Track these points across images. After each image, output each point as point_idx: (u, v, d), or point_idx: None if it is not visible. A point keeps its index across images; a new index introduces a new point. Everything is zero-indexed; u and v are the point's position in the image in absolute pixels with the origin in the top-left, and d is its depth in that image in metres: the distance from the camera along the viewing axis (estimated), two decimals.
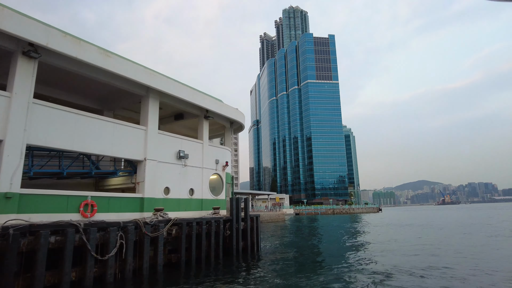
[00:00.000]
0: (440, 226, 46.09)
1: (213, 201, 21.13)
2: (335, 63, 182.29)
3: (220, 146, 23.18)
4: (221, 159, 22.24)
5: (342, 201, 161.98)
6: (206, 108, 20.88)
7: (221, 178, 22.17)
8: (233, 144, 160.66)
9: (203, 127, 21.14)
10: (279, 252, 21.75)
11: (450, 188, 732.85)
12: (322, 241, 30.00)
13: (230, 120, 24.14)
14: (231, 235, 19.18)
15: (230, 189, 23.66)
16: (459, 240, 26.83)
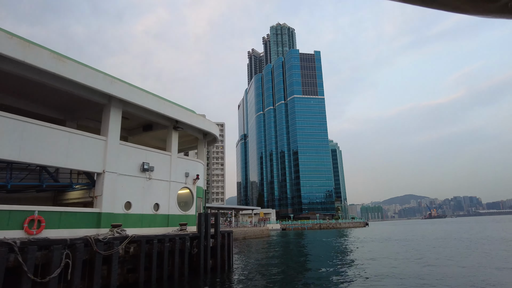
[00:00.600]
0: (423, 240, 45.65)
1: (182, 217, 20.05)
2: (320, 79, 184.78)
3: (191, 158, 22.27)
4: (192, 172, 21.29)
5: (329, 216, 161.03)
6: (176, 118, 20.06)
7: (192, 192, 21.17)
8: (220, 158, 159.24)
9: (171, 138, 20.24)
10: (253, 271, 20.65)
11: (437, 202, 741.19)
12: (303, 258, 28.97)
13: (203, 131, 23.34)
14: (199, 252, 18.09)
15: (202, 204, 22.61)
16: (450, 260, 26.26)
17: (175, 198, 19.77)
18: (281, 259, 27.38)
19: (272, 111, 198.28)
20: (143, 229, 17.44)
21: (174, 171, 19.97)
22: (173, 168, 19.94)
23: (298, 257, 29.23)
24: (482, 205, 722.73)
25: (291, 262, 25.08)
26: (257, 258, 27.97)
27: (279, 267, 22.15)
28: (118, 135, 16.80)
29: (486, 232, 59.97)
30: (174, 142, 20.29)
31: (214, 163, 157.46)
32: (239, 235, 60.88)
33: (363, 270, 19.70)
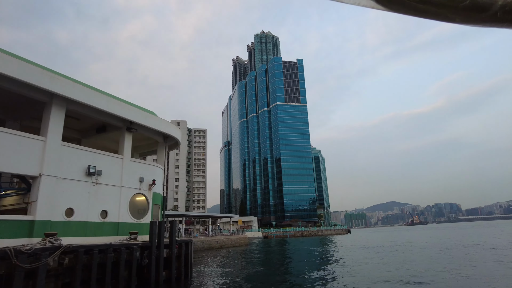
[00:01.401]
0: (402, 249, 45.45)
1: (135, 225, 18.68)
2: (303, 87, 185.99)
3: (148, 162, 20.99)
4: (148, 177, 20.00)
5: (312, 223, 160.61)
6: (129, 119, 18.81)
7: (147, 198, 19.84)
8: (201, 165, 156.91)
9: (124, 140, 18.94)
10: (213, 283, 19.40)
11: (419, 209, 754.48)
12: (274, 268, 27.86)
13: (163, 134, 22.13)
14: (150, 264, 16.75)
15: (160, 212, 21.28)
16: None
17: (126, 204, 18.41)
18: (249, 269, 26.20)
19: (255, 118, 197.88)
20: (87, 238, 16.02)
21: (127, 176, 18.64)
22: (126, 172, 18.61)
23: (268, 267, 28.13)
24: (462, 212, 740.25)
25: (259, 273, 23.95)
26: (224, 268, 26.70)
27: (245, 278, 20.98)
28: (59, 136, 15.44)
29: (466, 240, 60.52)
30: (127, 144, 19.00)
31: (196, 170, 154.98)
32: (215, 244, 59.24)
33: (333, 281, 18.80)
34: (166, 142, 22.82)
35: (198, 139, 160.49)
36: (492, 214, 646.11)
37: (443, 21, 1.51)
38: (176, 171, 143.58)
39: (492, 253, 30.63)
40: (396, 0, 1.45)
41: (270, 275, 22.40)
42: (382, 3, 1.51)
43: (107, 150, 21.54)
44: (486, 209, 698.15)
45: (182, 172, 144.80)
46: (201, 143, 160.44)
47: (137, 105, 20.65)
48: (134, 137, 22.83)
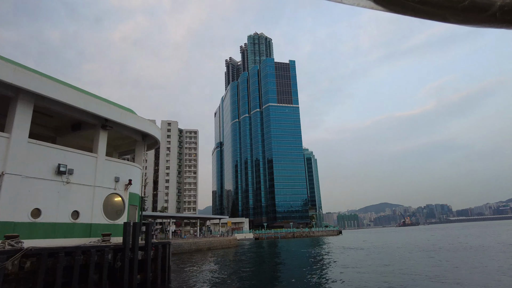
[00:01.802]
0: (388, 251, 45.36)
1: (109, 226, 17.96)
2: (295, 88, 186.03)
3: (125, 162, 20.27)
4: (124, 177, 19.28)
5: (304, 224, 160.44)
6: (104, 116, 18.09)
7: (123, 199, 19.13)
8: (192, 166, 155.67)
9: (99, 138, 18.22)
10: (191, 286, 18.78)
11: (410, 210, 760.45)
12: (258, 272, 27.30)
13: (141, 133, 21.43)
14: (123, 266, 16.06)
15: (137, 212, 20.58)
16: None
17: (100, 205, 17.68)
18: (232, 273, 25.61)
19: (247, 119, 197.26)
20: (56, 240, 15.27)
21: (101, 175, 17.92)
22: (100, 171, 17.89)
23: (252, 270, 27.58)
24: (453, 213, 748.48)
25: (241, 277, 23.38)
26: (206, 271, 26.06)
27: (225, 283, 20.39)
28: (26, 133, 14.70)
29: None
30: (101, 142, 18.28)
31: (187, 171, 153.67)
32: (203, 246, 58.44)
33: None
34: (144, 141, 22.15)
35: (189, 140, 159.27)
36: (482, 215, 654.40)
37: (442, 22, 1.49)
38: (166, 172, 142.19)
39: (471, 255, 30.55)
40: (395, 0, 1.44)
41: (253, 279, 21.84)
42: (380, 4, 1.49)
43: (84, 149, 20.78)
44: (476, 210, 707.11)
45: (173, 173, 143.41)
46: (192, 143, 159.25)
47: (114, 102, 19.96)
48: (112, 135, 22.12)
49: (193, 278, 22.01)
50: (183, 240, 55.69)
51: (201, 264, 33.14)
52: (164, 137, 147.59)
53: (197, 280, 21.17)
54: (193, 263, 34.12)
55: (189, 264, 33.20)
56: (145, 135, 21.80)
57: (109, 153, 24.54)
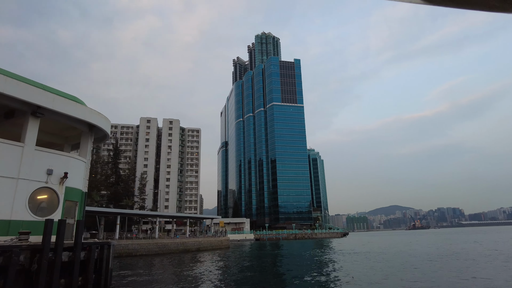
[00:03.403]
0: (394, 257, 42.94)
1: (35, 224, 16.20)
2: (300, 87, 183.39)
3: (59, 152, 18.50)
4: (59, 169, 17.50)
5: (307, 226, 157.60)
6: (35, 103, 16.39)
7: (57, 193, 17.38)
8: (194, 165, 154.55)
9: (28, 126, 16.51)
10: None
11: (421, 213, 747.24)
12: (222, 278, 25.35)
13: (87, 123, 19.68)
14: (39, 270, 14.27)
15: (78, 209, 18.81)
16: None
17: (25, 199, 15.96)
18: (195, 279, 23.72)
19: (251, 118, 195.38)
20: None
21: (28, 167, 16.20)
22: (26, 163, 16.17)
23: (219, 276, 25.62)
24: (465, 217, 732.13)
25: (201, 284, 21.48)
26: (163, 276, 24.21)
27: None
28: None
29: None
30: (31, 131, 16.57)
31: (188, 170, 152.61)
32: (192, 246, 56.77)
33: None
34: (92, 132, 20.39)
35: (191, 139, 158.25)
36: (495, 219, 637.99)
37: (489, 11, 1.34)
38: (167, 170, 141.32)
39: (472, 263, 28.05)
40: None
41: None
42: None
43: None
44: (489, 215, 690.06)
45: (174, 171, 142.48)
46: (194, 142, 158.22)
47: (53, 89, 18.29)
48: (58, 126, 20.48)
49: (139, 283, 20.19)
50: (171, 240, 54.05)
51: (166, 267, 31.35)
52: (165, 136, 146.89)
53: (143, 285, 19.34)
54: (158, 267, 32.37)
55: (155, 267, 31.43)
56: (91, 126, 20.05)
57: (60, 145, 22.95)
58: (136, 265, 32.95)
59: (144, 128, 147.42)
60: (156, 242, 50.17)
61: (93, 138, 20.81)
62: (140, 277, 22.96)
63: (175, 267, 30.98)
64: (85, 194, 19.56)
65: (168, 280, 21.76)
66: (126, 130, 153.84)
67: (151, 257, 43.93)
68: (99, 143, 24.96)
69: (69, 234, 18.05)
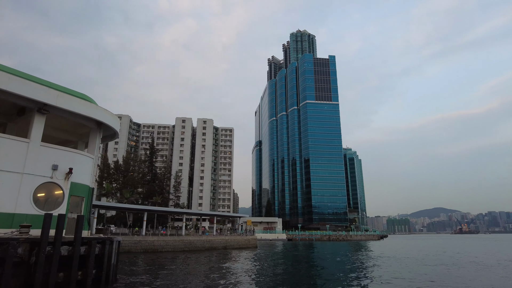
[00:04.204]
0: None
1: (39, 217, 16.56)
2: (335, 84, 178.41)
3: (65, 148, 18.80)
4: (64, 165, 17.81)
5: (342, 227, 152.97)
6: (39, 100, 16.79)
7: (62, 188, 17.70)
8: (227, 164, 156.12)
9: (33, 122, 16.95)
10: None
11: (469, 217, 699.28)
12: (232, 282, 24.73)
13: (95, 121, 19.95)
14: (37, 263, 14.50)
15: (85, 204, 19.08)
16: None
17: (29, 194, 16.39)
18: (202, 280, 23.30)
19: (284, 117, 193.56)
20: None
21: (33, 162, 16.63)
22: (31, 158, 16.60)
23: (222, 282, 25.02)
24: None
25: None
26: (172, 276, 24.02)
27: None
28: None
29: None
30: (37, 127, 17.00)
31: (222, 169, 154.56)
32: (218, 245, 56.94)
33: None
34: (100, 130, 20.66)
35: (224, 138, 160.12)
36: None
37: None
38: (201, 169, 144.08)
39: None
40: None
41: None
42: None
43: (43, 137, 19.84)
44: None
45: (207, 170, 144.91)
46: (227, 141, 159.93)
47: (61, 86, 18.72)
48: (68, 123, 20.96)
49: (145, 281, 20.06)
50: (196, 237, 54.55)
51: (181, 265, 31.26)
52: (199, 135, 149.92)
53: (147, 283, 19.17)
54: (177, 264, 32.42)
55: (173, 265, 31.49)
56: (99, 124, 20.31)
57: (73, 142, 23.60)
58: (157, 260, 33.35)
59: (179, 128, 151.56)
60: (182, 239, 50.84)
61: (101, 135, 21.09)
62: (147, 274, 22.97)
63: (189, 265, 30.87)
64: (92, 190, 19.85)
65: (173, 278, 21.51)
66: (163, 130, 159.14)
67: (176, 253, 44.49)
68: (109, 141, 25.41)
69: (73, 229, 18.33)
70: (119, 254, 19.53)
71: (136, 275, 21.65)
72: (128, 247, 42.82)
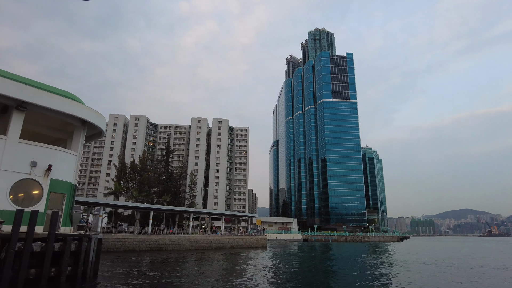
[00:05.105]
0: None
1: (14, 214, 16.60)
2: (353, 82, 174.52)
3: (45, 145, 18.80)
4: (43, 162, 17.83)
5: (360, 228, 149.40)
6: (16, 97, 16.87)
7: (41, 185, 17.72)
8: (242, 163, 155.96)
9: (11, 119, 17.05)
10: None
11: (499, 219, 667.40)
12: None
13: (80, 119, 19.94)
14: (6, 259, 14.49)
15: (66, 201, 19.05)
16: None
17: (5, 190, 16.48)
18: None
19: (301, 116, 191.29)
20: None
21: (11, 159, 16.75)
22: (9, 154, 16.71)
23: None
24: None
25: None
26: (150, 274, 23.72)
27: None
28: None
29: None
30: (15, 124, 17.13)
31: (237, 169, 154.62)
32: (226, 244, 56.68)
33: None
34: (84, 127, 20.64)
35: (240, 138, 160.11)
36: None
37: None
38: (216, 168, 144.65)
39: None
40: None
41: None
42: None
43: (27, 132, 20.05)
44: None
45: (223, 170, 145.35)
46: (243, 141, 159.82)
47: (43, 84, 18.80)
48: (54, 121, 21.04)
49: (122, 277, 19.82)
50: (202, 236, 54.47)
51: (173, 265, 30.98)
52: (214, 135, 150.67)
53: (125, 279, 18.93)
54: (171, 264, 32.16)
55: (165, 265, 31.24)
56: (84, 122, 20.29)
57: (64, 140, 23.74)
58: (153, 259, 33.30)
59: (195, 128, 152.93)
60: (188, 238, 50.86)
61: (85, 133, 21.07)
62: (127, 271, 22.78)
63: (176, 265, 30.56)
64: (74, 187, 19.82)
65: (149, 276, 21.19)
66: (180, 130, 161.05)
67: (181, 253, 44.48)
68: (96, 139, 25.46)
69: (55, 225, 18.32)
70: (100, 252, 19.40)
71: (118, 273, 21.51)
72: (133, 246, 43.17)
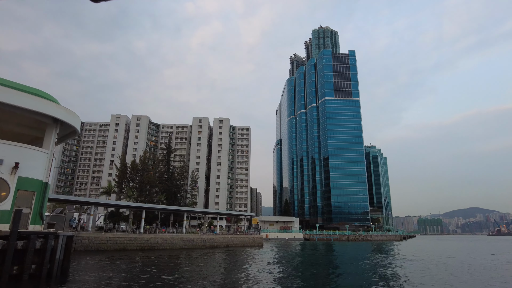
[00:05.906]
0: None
1: None
2: (355, 80, 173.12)
3: (10, 142, 18.70)
4: (10, 159, 17.75)
5: (364, 227, 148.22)
6: None
7: (7, 183, 17.63)
8: (244, 163, 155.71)
9: None
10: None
11: (509, 217, 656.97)
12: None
13: (52, 117, 19.85)
14: None
15: (36, 199, 18.96)
16: None
17: None
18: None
19: (303, 114, 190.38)
20: None
21: None
22: None
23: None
24: None
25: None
26: (124, 273, 23.54)
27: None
28: None
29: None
30: None
31: (239, 168, 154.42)
32: (220, 243, 56.52)
33: None
34: (57, 126, 20.56)
35: (241, 137, 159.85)
36: None
37: None
38: (218, 168, 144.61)
39: None
40: None
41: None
42: None
43: (5, 133, 20.02)
44: None
45: (224, 169, 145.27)
46: (244, 140, 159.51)
47: (13, 82, 18.71)
48: (26, 119, 20.97)
49: (95, 276, 19.68)
50: (196, 235, 54.37)
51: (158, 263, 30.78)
52: (216, 134, 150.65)
53: (97, 278, 18.78)
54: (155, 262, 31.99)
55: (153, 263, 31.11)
56: (56, 120, 20.21)
57: (40, 138, 23.66)
58: (144, 258, 33.18)
59: (196, 128, 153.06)
60: (181, 237, 50.78)
61: (57, 131, 20.98)
62: (102, 272, 22.64)
63: (151, 265, 30.38)
64: (46, 185, 19.74)
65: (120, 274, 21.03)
66: (181, 130, 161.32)
67: (172, 251, 44.40)
68: (71, 137, 25.39)
69: (24, 223, 18.26)
70: (70, 250, 19.30)
71: (92, 272, 21.38)
72: (124, 245, 43.18)
